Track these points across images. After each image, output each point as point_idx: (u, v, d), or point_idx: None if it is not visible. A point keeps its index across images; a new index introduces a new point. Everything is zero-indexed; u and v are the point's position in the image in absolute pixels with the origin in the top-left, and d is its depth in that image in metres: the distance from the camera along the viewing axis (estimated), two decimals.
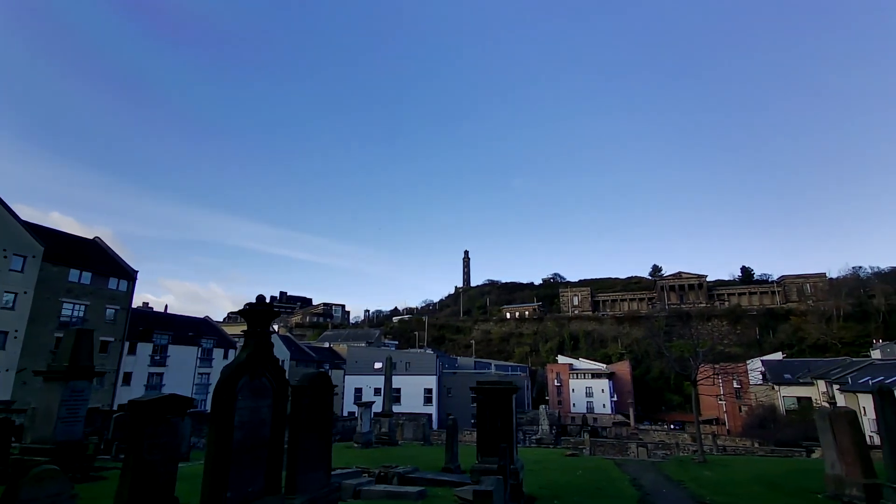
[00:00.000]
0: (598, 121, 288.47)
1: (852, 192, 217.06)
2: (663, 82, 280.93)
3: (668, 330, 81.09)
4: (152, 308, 64.14)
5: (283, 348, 65.82)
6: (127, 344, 45.99)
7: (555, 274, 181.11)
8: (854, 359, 68.71)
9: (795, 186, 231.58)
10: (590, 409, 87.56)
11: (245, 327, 7.13)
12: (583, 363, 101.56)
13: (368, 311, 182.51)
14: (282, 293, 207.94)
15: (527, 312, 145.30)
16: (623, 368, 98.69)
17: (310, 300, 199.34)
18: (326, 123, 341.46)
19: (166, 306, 70.97)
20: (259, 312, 7.07)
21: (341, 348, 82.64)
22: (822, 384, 60.25)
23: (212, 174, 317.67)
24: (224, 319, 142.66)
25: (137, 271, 47.15)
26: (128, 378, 46.70)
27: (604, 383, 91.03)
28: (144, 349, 49.34)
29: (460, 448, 17.32)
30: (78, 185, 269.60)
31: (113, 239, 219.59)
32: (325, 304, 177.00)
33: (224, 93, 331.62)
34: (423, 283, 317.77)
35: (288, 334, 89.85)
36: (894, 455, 9.26)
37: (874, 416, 13.15)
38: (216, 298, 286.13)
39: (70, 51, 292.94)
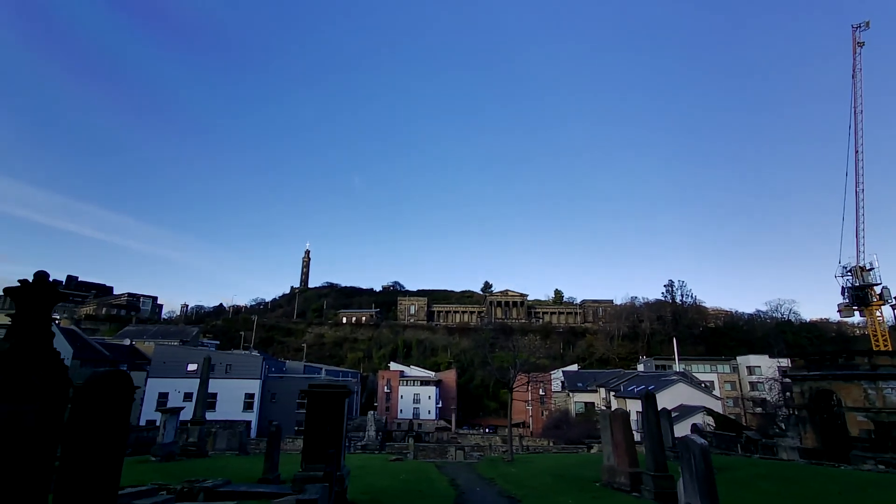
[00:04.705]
0: (437, 138, 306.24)
1: (631, 238, 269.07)
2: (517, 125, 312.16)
3: (493, 342, 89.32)
4: None
5: (63, 344, 53.47)
6: None
7: (395, 282, 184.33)
8: (625, 370, 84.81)
9: (597, 225, 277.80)
10: (416, 415, 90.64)
11: (9, 312, 5.60)
12: (413, 370, 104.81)
13: (187, 305, 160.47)
14: (71, 277, 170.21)
15: (364, 318, 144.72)
16: (450, 377, 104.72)
17: (110, 288, 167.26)
18: (148, 98, 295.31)
19: None
20: (36, 292, 5.62)
21: (147, 346, 70.83)
22: (602, 391, 72.72)
23: None
24: None
25: None
26: None
27: (431, 390, 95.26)
28: None
29: (284, 457, 16.24)
30: None
31: None
32: (130, 295, 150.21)
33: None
34: (256, 282, 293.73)
35: (73, 327, 73.42)
36: (653, 447, 11.57)
37: (636, 418, 16.30)
38: None
39: None
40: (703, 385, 64.34)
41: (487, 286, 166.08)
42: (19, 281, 5.48)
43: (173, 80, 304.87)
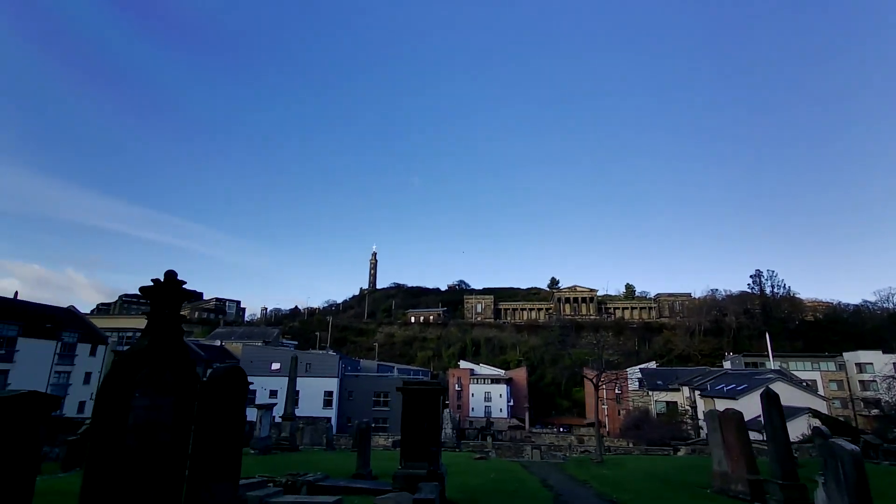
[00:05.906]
0: (498, 135, 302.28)
1: (711, 229, 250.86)
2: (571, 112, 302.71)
3: (563, 339, 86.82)
4: None
5: None
6: None
7: (460, 281, 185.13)
8: (711, 368, 78.96)
9: (670, 218, 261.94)
10: (487, 413, 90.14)
11: (145, 312, 5.89)
12: (483, 369, 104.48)
13: (266, 309, 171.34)
14: None
15: (431, 317, 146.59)
16: (520, 374, 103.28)
17: (200, 294, 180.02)
18: (224, 116, 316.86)
19: (16, 293, 60.03)
20: (166, 291, 5.87)
21: (235, 347, 76.27)
22: (686, 390, 68.20)
23: (59, 137, 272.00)
24: (92, 311, 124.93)
25: None
26: None
27: (502, 388, 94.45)
28: None
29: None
30: None
31: None
32: (217, 300, 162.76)
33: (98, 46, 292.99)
34: (327, 284, 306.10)
35: None
36: (778, 452, 10.35)
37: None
38: (76, 287, 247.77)
39: None
40: (804, 384, 58.49)
41: (554, 282, 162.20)
42: (152, 280, 5.73)
43: (207, 84, 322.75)
